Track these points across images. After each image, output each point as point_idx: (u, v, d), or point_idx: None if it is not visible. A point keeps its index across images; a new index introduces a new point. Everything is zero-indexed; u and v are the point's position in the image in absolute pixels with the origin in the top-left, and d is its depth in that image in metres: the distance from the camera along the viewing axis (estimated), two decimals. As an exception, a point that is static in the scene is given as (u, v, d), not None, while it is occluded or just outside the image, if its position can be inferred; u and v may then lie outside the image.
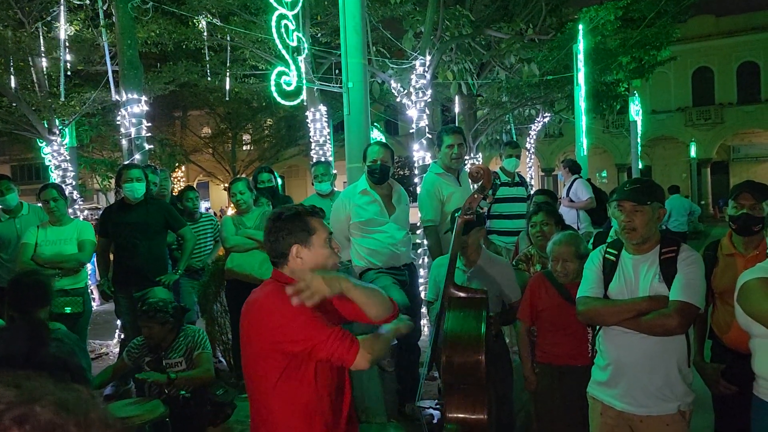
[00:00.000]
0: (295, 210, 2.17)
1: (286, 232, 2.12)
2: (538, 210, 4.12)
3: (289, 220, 2.13)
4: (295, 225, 2.12)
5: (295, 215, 2.14)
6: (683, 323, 2.53)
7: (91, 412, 0.51)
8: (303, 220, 2.13)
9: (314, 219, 2.16)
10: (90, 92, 9.04)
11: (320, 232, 2.15)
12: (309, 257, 2.12)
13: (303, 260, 2.12)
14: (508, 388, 3.64)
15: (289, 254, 2.12)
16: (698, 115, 31.18)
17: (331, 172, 5.92)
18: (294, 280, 2.06)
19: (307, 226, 2.13)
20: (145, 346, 4.10)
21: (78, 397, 0.52)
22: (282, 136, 25.01)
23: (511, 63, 11.15)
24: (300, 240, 2.12)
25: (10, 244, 5.22)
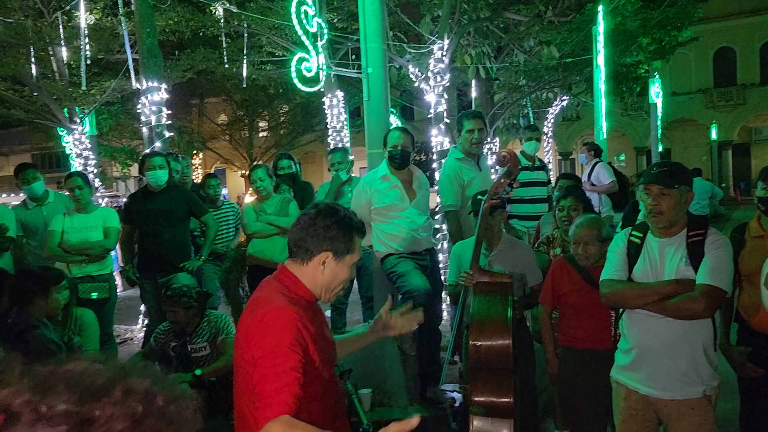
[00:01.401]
0: (350, 219, 1.97)
1: (330, 236, 1.92)
2: (567, 194, 4.09)
3: (341, 225, 1.93)
4: (342, 234, 1.93)
5: (348, 225, 1.95)
6: (710, 307, 2.52)
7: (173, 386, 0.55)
8: (351, 235, 1.95)
9: (358, 238, 1.99)
10: (109, 81, 9.11)
11: (356, 254, 1.98)
12: (331, 272, 1.94)
13: (324, 270, 1.93)
14: (530, 371, 3.65)
15: (315, 257, 1.93)
16: (719, 97, 30.63)
17: (348, 159, 5.92)
18: (300, 282, 1.93)
19: (351, 243, 1.95)
20: (170, 332, 4.17)
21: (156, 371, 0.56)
22: (298, 123, 25.02)
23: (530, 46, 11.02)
24: (336, 251, 1.93)
25: (37, 231, 5.32)
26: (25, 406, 0.48)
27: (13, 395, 0.49)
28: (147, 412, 0.51)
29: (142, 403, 0.51)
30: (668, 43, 14.46)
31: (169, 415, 0.52)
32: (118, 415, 0.50)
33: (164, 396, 0.53)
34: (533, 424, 3.69)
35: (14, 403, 0.48)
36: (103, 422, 0.49)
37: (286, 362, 1.71)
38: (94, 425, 0.48)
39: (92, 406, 0.49)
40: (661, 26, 13.33)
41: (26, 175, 5.43)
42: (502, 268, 3.38)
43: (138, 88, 6.51)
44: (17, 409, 0.48)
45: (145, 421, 0.50)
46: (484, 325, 2.82)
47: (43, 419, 0.47)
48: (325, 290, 1.97)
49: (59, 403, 0.48)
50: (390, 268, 4.22)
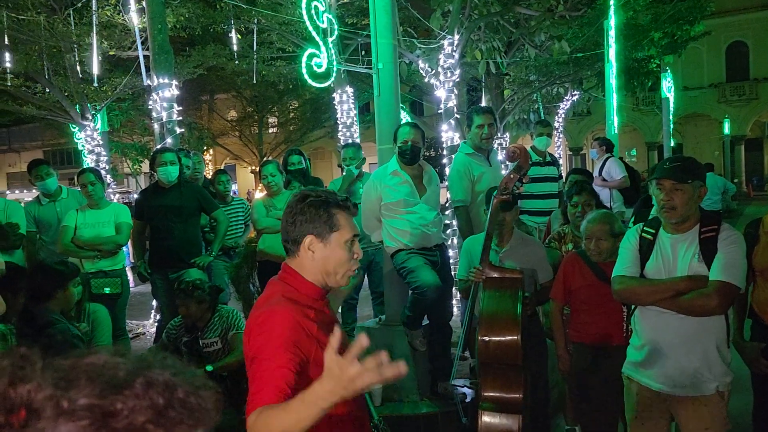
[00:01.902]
0: (324, 197, 1.88)
1: (306, 218, 1.85)
2: (580, 190, 4.07)
3: (313, 205, 1.85)
4: (318, 213, 1.85)
5: (322, 203, 1.86)
6: (723, 303, 2.51)
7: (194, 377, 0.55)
8: (329, 211, 1.85)
9: (342, 213, 1.87)
10: (121, 77, 9.17)
11: (344, 231, 1.86)
12: (322, 255, 1.85)
13: (314, 255, 1.85)
14: (542, 367, 3.65)
15: (302, 244, 1.86)
16: (732, 91, 30.37)
17: (360, 155, 5.92)
18: (300, 277, 1.88)
19: (332, 220, 1.85)
20: (182, 327, 4.20)
21: (177, 363, 0.57)
22: (308, 119, 25.07)
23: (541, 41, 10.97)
24: (318, 232, 1.84)
25: (50, 227, 5.37)
26: (47, 401, 0.49)
27: (34, 390, 0.49)
28: (168, 404, 0.51)
29: (163, 395, 0.52)
30: (680, 37, 14.34)
31: (190, 406, 0.53)
32: (139, 407, 0.50)
33: (185, 388, 0.54)
34: (545, 420, 3.68)
35: (36, 398, 0.49)
36: (125, 415, 0.49)
37: (274, 361, 1.69)
38: (117, 418, 0.49)
39: (114, 399, 0.50)
40: (673, 20, 13.23)
41: (40, 171, 5.47)
42: (513, 264, 3.37)
43: (149, 84, 6.54)
44: (39, 404, 0.48)
45: (167, 413, 0.51)
46: (494, 321, 2.83)
47: (65, 413, 0.48)
48: (325, 275, 1.89)
49: (81, 396, 0.49)
50: (400, 264, 4.23)
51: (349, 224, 1.88)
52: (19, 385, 0.49)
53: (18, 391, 0.49)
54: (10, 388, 0.49)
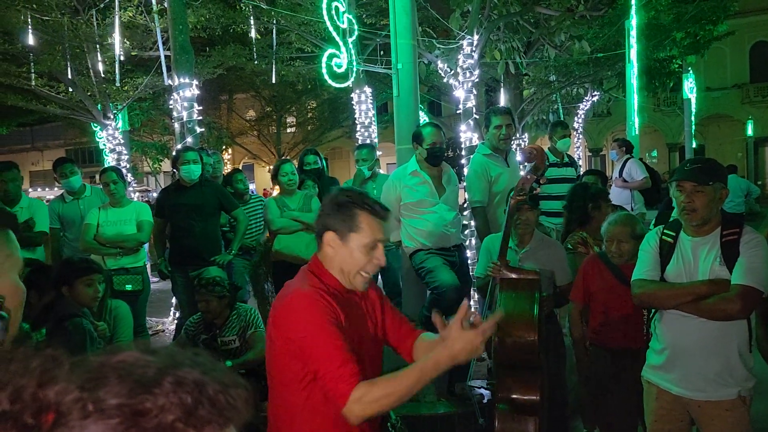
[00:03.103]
0: (352, 198, 1.92)
1: (330, 214, 1.91)
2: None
3: (339, 203, 1.91)
4: (341, 211, 1.89)
5: (348, 202, 1.90)
6: (746, 308, 2.47)
7: (225, 374, 0.56)
8: (352, 212, 1.88)
9: (368, 216, 1.89)
10: (142, 77, 9.27)
11: (364, 234, 1.88)
12: (339, 253, 1.90)
13: (333, 252, 1.90)
14: (561, 368, 3.63)
15: (323, 238, 1.92)
16: (756, 92, 29.86)
17: (373, 156, 5.93)
18: (324, 269, 1.92)
19: (353, 220, 1.88)
20: (200, 324, 4.24)
21: (207, 360, 0.58)
22: (326, 119, 25.12)
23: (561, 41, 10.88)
24: (338, 229, 1.89)
25: (74, 224, 5.45)
26: (75, 403, 0.49)
27: (62, 392, 0.49)
28: (198, 403, 0.52)
29: (193, 394, 0.52)
30: (703, 37, 14.14)
31: (219, 404, 0.53)
32: (169, 406, 0.50)
33: (214, 386, 0.54)
34: (562, 422, 3.66)
35: (64, 400, 0.49)
36: (155, 414, 0.49)
37: (332, 340, 1.76)
38: (146, 417, 0.49)
39: (143, 398, 0.50)
40: (695, 20, 13.05)
41: (64, 169, 5.56)
42: (533, 265, 3.36)
43: (170, 84, 6.61)
44: (67, 406, 0.49)
45: (197, 412, 0.51)
46: (511, 322, 2.82)
47: (94, 414, 0.48)
48: (341, 273, 1.93)
49: (110, 396, 0.49)
50: (419, 264, 4.23)
51: (372, 228, 1.89)
52: (47, 386, 0.50)
53: (46, 392, 0.49)
54: (39, 389, 0.49)
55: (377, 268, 1.97)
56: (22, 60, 8.88)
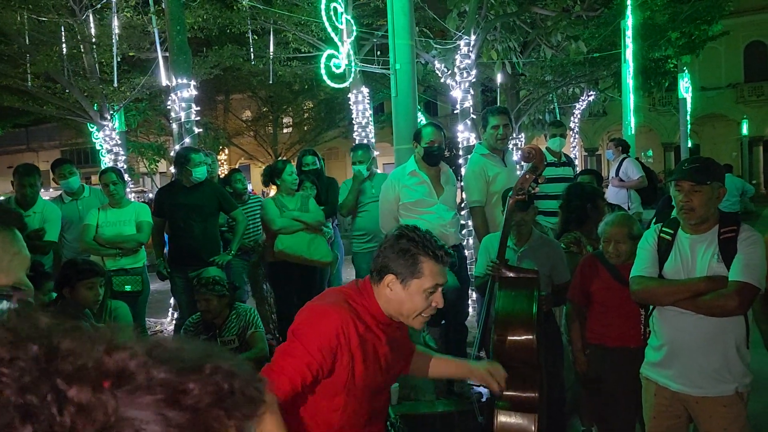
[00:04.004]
0: (419, 242, 1.89)
1: (393, 257, 1.89)
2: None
3: (403, 248, 1.89)
4: (405, 257, 1.88)
5: (414, 247, 1.88)
6: (743, 304, 2.50)
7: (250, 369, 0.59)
8: (416, 258, 1.87)
9: (431, 263, 1.88)
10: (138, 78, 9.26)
11: (426, 280, 1.88)
12: (399, 296, 1.89)
13: (392, 293, 1.90)
14: (558, 367, 3.65)
15: (383, 279, 1.90)
16: (750, 92, 30.01)
17: (369, 156, 5.95)
18: (374, 299, 1.92)
19: (417, 266, 1.87)
20: (200, 324, 4.24)
21: (234, 356, 0.61)
22: (322, 119, 25.12)
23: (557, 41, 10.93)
24: (400, 273, 1.88)
25: (73, 225, 5.44)
26: (139, 369, 0.53)
27: (127, 358, 0.53)
28: (231, 390, 0.55)
29: (227, 382, 0.55)
30: (698, 37, 14.20)
31: (248, 394, 0.57)
32: (206, 390, 0.54)
33: (243, 377, 0.57)
34: (561, 420, 3.69)
35: (129, 365, 0.53)
36: (195, 394, 0.53)
37: (306, 357, 1.78)
38: (187, 396, 0.53)
39: (187, 379, 0.54)
40: (690, 20, 13.11)
41: (63, 170, 5.56)
42: (531, 264, 3.38)
43: (167, 84, 6.61)
44: (131, 370, 0.53)
45: (228, 399, 0.55)
46: (509, 321, 2.84)
47: (148, 385, 0.52)
48: (399, 315, 1.94)
49: (162, 372, 0.53)
50: (418, 264, 4.25)
51: (434, 274, 1.89)
52: (114, 352, 0.54)
53: (113, 357, 0.53)
54: (107, 354, 0.53)
55: (434, 311, 1.98)
56: (19, 61, 8.86)
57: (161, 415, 0.51)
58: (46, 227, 4.84)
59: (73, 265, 3.67)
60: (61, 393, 0.50)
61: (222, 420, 0.53)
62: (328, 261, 5.29)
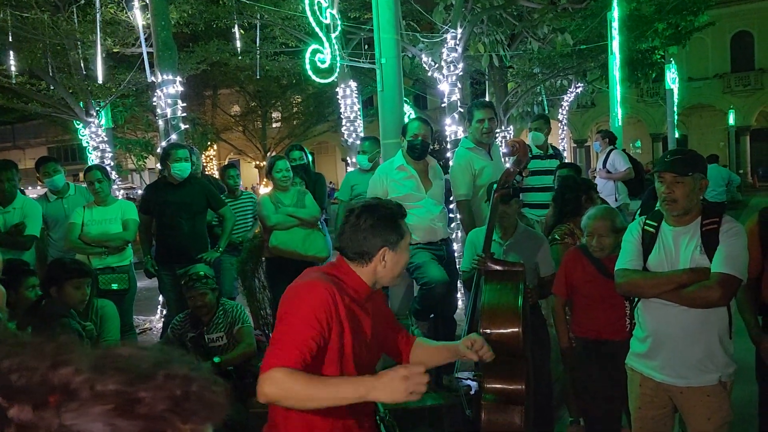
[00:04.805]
0: (391, 211, 2.00)
1: (377, 233, 1.96)
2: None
3: (384, 220, 1.97)
4: (388, 226, 1.97)
5: (391, 217, 1.99)
6: (726, 295, 2.52)
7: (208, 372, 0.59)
8: (396, 223, 1.99)
9: (403, 221, 2.03)
10: (124, 74, 9.19)
11: (406, 235, 2.02)
12: (392, 261, 1.99)
13: (386, 264, 1.98)
14: (545, 359, 3.67)
15: (376, 256, 1.97)
16: (737, 82, 30.22)
17: (374, 148, 5.95)
18: (355, 274, 1.98)
19: (399, 229, 1.99)
20: (186, 322, 4.22)
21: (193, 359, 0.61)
22: (311, 113, 25.08)
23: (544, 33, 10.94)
24: (390, 243, 1.97)
25: (58, 223, 5.40)
26: (83, 384, 0.53)
27: (73, 374, 0.54)
28: (186, 396, 0.56)
29: (182, 388, 0.56)
30: (684, 28, 14.28)
31: (204, 399, 0.57)
32: (160, 397, 0.54)
33: (200, 382, 0.58)
34: (548, 412, 3.71)
35: (74, 380, 0.53)
36: (147, 403, 0.53)
37: (307, 330, 1.80)
38: (140, 405, 0.53)
39: (139, 388, 0.54)
40: (676, 11, 13.18)
41: (48, 168, 5.51)
42: (517, 257, 3.39)
43: (153, 81, 6.56)
44: (76, 386, 0.53)
45: (184, 404, 0.55)
46: (495, 314, 2.85)
47: (96, 397, 0.52)
48: (391, 278, 2.05)
49: (111, 383, 0.53)
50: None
51: (407, 227, 2.05)
52: (60, 367, 0.54)
53: (58, 372, 0.53)
54: (52, 370, 0.54)
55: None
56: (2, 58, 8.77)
57: (112, 425, 0.51)
58: (26, 222, 4.81)
59: (61, 264, 3.65)
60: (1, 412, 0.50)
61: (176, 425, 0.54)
62: (324, 257, 5.29)
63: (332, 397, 1.70)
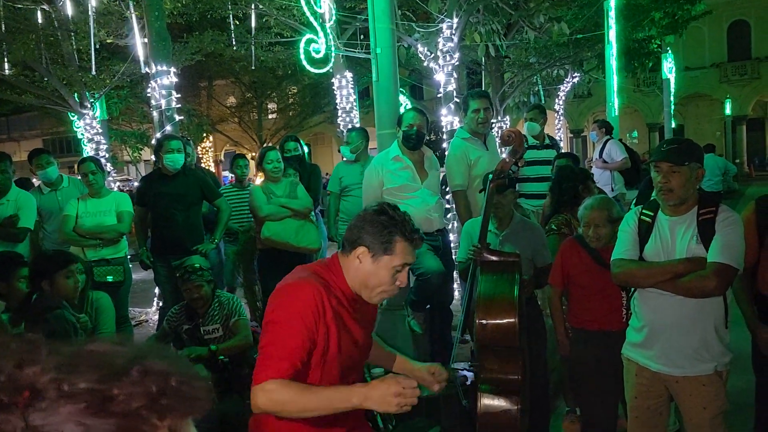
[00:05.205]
0: (397, 221, 1.93)
1: (369, 230, 1.91)
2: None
3: (381, 223, 1.92)
4: (380, 232, 1.91)
5: (391, 225, 1.91)
6: (722, 285, 2.52)
7: (187, 367, 0.58)
8: (391, 236, 1.90)
9: (404, 243, 1.92)
10: (119, 65, 9.12)
11: (396, 257, 1.91)
12: (367, 268, 1.92)
13: (360, 265, 1.93)
14: (541, 349, 3.67)
15: (355, 250, 1.93)
16: (734, 71, 30.20)
17: (359, 139, 5.95)
18: (342, 275, 1.95)
19: (390, 244, 1.90)
20: (182, 314, 4.20)
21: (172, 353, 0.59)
22: (307, 104, 24.99)
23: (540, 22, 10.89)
24: (371, 247, 1.91)
25: (52, 215, 5.38)
26: (51, 383, 0.52)
27: (39, 373, 0.52)
28: (162, 392, 0.54)
29: (157, 383, 0.54)
30: (681, 17, 14.23)
31: (182, 394, 0.56)
32: (135, 393, 0.53)
33: (178, 377, 0.56)
34: (545, 402, 3.72)
35: (40, 380, 0.52)
36: (121, 400, 0.52)
37: (297, 338, 1.79)
38: (113, 402, 0.52)
39: (112, 385, 0.53)
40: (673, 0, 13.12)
41: (41, 160, 5.48)
42: (513, 248, 3.39)
43: (147, 72, 6.52)
44: (43, 386, 0.51)
45: (160, 400, 0.54)
46: (491, 304, 2.85)
47: (66, 396, 0.51)
48: (362, 287, 1.96)
49: (81, 381, 0.52)
50: (403, 249, 4.24)
51: (405, 254, 1.93)
52: (25, 367, 0.52)
53: (24, 372, 0.52)
54: (17, 369, 0.52)
55: (396, 291, 2.01)
56: (-5, 49, 8.69)
57: (83, 425, 0.49)
58: (20, 214, 4.79)
59: (46, 257, 3.62)
60: None
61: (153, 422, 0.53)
62: (316, 248, 5.27)
63: (325, 408, 1.73)
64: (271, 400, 1.71)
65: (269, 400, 1.71)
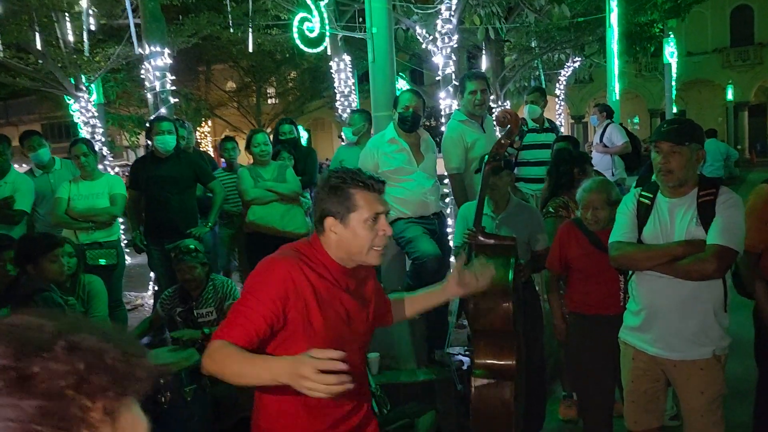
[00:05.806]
0: (344, 178, 1.87)
1: (326, 199, 1.87)
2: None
3: (332, 187, 1.86)
4: (336, 194, 1.85)
5: (340, 184, 1.86)
6: (721, 267, 2.47)
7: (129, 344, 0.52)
8: (345, 193, 1.85)
9: (362, 193, 1.85)
10: (114, 47, 9.01)
11: (363, 210, 1.84)
12: (342, 236, 1.87)
13: (338, 236, 1.87)
14: (538, 333, 3.64)
15: (324, 225, 1.88)
16: (736, 56, 29.98)
17: (360, 121, 5.88)
18: (323, 250, 1.90)
19: (349, 201, 1.84)
20: (175, 297, 4.16)
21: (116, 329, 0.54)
22: (306, 88, 24.79)
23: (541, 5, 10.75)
24: (335, 214, 1.86)
25: (44, 198, 5.32)
26: None
27: None
28: (92, 370, 0.48)
29: (86, 360, 0.48)
30: (684, 1, 14.07)
31: (117, 373, 0.49)
32: (59, 371, 0.48)
33: (114, 353, 0.50)
34: (541, 386, 3.69)
35: None
36: (42, 379, 0.46)
37: (259, 308, 1.78)
38: (33, 381, 0.46)
39: (31, 362, 0.47)
40: (676, -17, 12.97)
41: (32, 142, 5.42)
42: (509, 231, 3.33)
43: (141, 53, 6.43)
44: None
45: (90, 379, 0.47)
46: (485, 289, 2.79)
47: None
48: (349, 257, 1.91)
49: None
50: (399, 233, 4.19)
51: (369, 203, 1.86)
52: None
53: None
54: None
55: (386, 239, 1.93)
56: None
57: None
58: (16, 197, 4.75)
59: (30, 240, 3.57)
60: None
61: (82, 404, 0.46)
62: (303, 233, 5.21)
63: (256, 376, 1.70)
64: (211, 357, 1.71)
65: (209, 358, 1.72)
